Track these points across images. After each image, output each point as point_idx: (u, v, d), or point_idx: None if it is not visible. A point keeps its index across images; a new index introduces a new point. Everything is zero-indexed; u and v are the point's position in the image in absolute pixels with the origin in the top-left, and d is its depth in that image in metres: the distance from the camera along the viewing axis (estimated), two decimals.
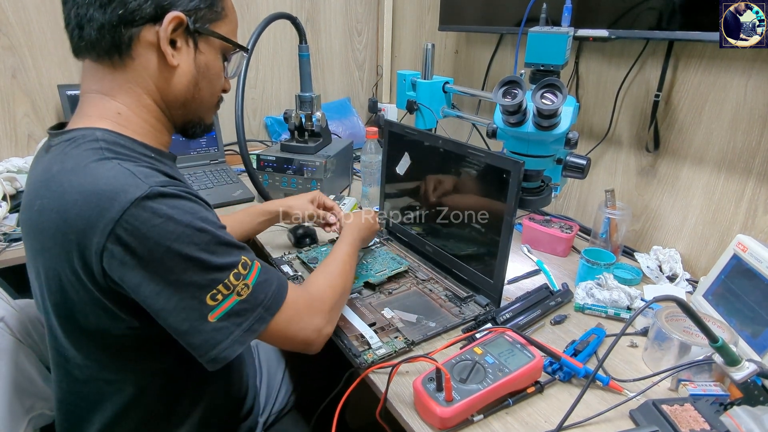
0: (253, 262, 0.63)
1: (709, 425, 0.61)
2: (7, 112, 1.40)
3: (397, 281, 0.98)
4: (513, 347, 0.72)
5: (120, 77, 0.62)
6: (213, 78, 0.69)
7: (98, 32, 0.59)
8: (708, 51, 0.97)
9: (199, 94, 0.68)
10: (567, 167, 0.93)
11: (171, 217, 0.55)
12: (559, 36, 0.85)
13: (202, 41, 0.65)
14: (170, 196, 0.56)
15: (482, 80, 1.53)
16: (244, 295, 0.60)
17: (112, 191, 0.53)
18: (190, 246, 0.55)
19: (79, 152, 0.58)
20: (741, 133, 0.95)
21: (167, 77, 0.64)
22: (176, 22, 0.61)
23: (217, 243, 0.58)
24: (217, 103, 0.74)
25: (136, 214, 0.53)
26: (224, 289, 0.58)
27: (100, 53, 0.61)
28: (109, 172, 0.55)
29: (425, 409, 0.65)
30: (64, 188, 0.56)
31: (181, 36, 0.63)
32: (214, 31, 0.66)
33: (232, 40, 0.69)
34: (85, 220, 0.53)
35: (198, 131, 0.74)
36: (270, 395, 0.96)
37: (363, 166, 1.32)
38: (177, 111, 0.68)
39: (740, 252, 0.84)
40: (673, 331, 0.74)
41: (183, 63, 0.64)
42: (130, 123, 0.64)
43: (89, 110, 0.63)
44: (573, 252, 1.15)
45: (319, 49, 1.89)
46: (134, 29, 0.60)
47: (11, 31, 1.34)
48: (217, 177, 1.49)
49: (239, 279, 0.60)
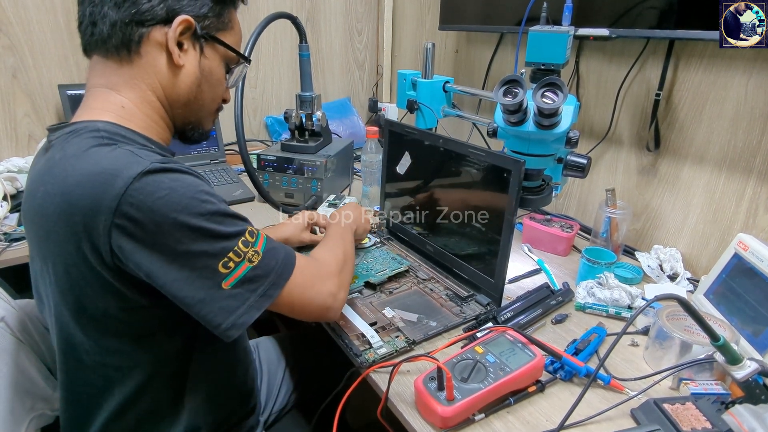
0: (258, 232, 0.65)
1: (710, 424, 0.61)
2: (8, 112, 1.39)
3: (397, 281, 0.98)
4: (514, 346, 0.72)
5: (126, 73, 0.64)
6: (215, 83, 0.71)
7: (110, 28, 0.62)
8: (709, 50, 0.97)
9: (201, 96, 0.70)
10: (567, 166, 0.92)
11: (175, 189, 0.56)
12: (560, 35, 0.85)
13: (208, 47, 0.68)
14: (172, 171, 0.57)
15: (483, 79, 1.53)
16: (255, 261, 0.61)
17: (115, 169, 0.55)
18: (197, 216, 0.57)
19: (80, 140, 0.59)
20: (742, 132, 0.95)
21: (172, 76, 0.66)
22: (185, 25, 0.63)
23: (222, 214, 0.60)
24: (216, 110, 0.76)
25: (140, 187, 0.54)
26: (235, 257, 0.60)
27: (110, 49, 0.63)
28: (111, 153, 0.57)
29: (426, 409, 0.65)
30: (67, 172, 0.57)
31: (189, 39, 0.66)
32: (220, 39, 0.69)
33: (236, 50, 0.72)
34: (90, 199, 0.54)
35: (196, 135, 0.76)
36: (270, 394, 0.96)
37: (363, 166, 1.32)
38: (178, 110, 0.70)
39: (741, 251, 0.84)
40: (674, 330, 0.74)
41: (188, 64, 0.67)
42: (133, 117, 0.65)
43: (93, 103, 0.65)
44: (574, 251, 1.15)
45: (319, 49, 1.88)
46: (144, 29, 0.62)
47: (11, 30, 1.34)
48: (217, 177, 1.49)
49: (248, 246, 0.61)
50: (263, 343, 1.05)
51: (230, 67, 0.73)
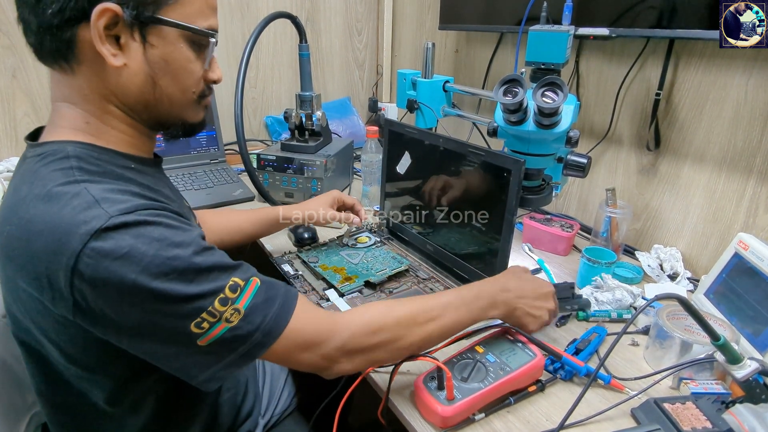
0: (248, 281, 0.56)
1: (711, 423, 0.61)
2: (8, 111, 1.39)
3: (398, 280, 0.98)
4: (514, 346, 0.72)
5: (75, 84, 0.57)
6: (178, 72, 0.59)
7: (36, 36, 0.55)
8: (708, 50, 0.97)
9: (163, 93, 0.60)
10: (568, 166, 0.92)
11: (135, 248, 0.49)
12: (560, 35, 0.85)
13: (152, 32, 0.56)
14: (134, 225, 0.50)
15: (482, 79, 1.52)
16: (234, 321, 0.53)
17: (73, 223, 0.49)
18: (161, 277, 0.50)
19: (48, 172, 0.54)
20: (742, 131, 0.95)
21: (117, 79, 0.57)
22: (108, 16, 0.52)
23: (194, 270, 0.52)
24: (198, 99, 0.64)
25: (97, 247, 0.48)
26: (209, 317, 0.52)
27: (47, 60, 0.56)
28: (73, 200, 0.51)
29: (427, 408, 0.65)
30: (30, 215, 0.52)
31: (124, 30, 0.54)
32: (164, 18, 0.55)
33: (190, 26, 0.57)
34: (50, 254, 0.49)
35: (182, 131, 0.66)
36: (272, 397, 0.95)
37: (363, 166, 1.32)
38: (144, 114, 0.61)
39: (741, 250, 0.84)
40: (675, 330, 0.74)
41: (131, 61, 0.56)
42: (101, 132, 0.59)
43: (59, 121, 0.59)
44: (574, 251, 1.15)
45: (319, 49, 1.88)
46: (71, 30, 0.53)
47: (11, 30, 1.34)
48: (217, 176, 1.49)
49: (227, 304, 0.53)
50: None
51: (201, 44, 0.60)
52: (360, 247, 1.09)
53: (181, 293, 0.51)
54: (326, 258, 1.04)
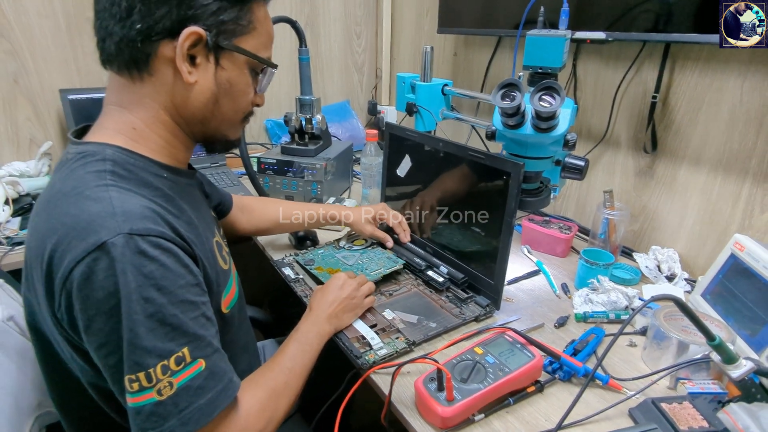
0: (194, 361, 0.54)
1: (707, 423, 0.62)
2: (9, 116, 1.40)
3: (397, 282, 0.99)
4: (513, 347, 0.73)
5: (138, 91, 0.61)
6: (237, 95, 0.66)
7: (117, 46, 0.59)
8: (704, 53, 0.98)
9: (220, 111, 0.65)
10: (565, 168, 0.93)
11: (124, 273, 0.51)
12: (557, 39, 0.86)
13: (225, 57, 0.62)
14: (133, 251, 0.52)
15: (481, 82, 1.53)
16: (164, 396, 0.52)
17: (85, 230, 0.52)
18: (128, 313, 0.51)
19: (83, 173, 0.57)
20: (737, 134, 0.96)
21: (185, 94, 0.62)
22: (194, 38, 0.58)
23: (159, 320, 0.52)
24: (243, 119, 0.70)
25: (97, 257, 0.51)
26: (145, 380, 0.51)
27: (120, 67, 0.60)
28: (95, 205, 0.53)
29: (427, 409, 0.66)
30: (56, 212, 0.55)
31: (202, 51, 0.60)
32: (239, 46, 0.62)
33: (259, 57, 0.65)
34: (57, 253, 0.52)
35: (220, 147, 0.72)
36: None
37: (363, 168, 1.33)
38: (196, 127, 0.66)
39: (738, 251, 0.85)
40: (672, 330, 0.74)
41: (202, 79, 0.61)
42: (145, 139, 0.63)
43: (107, 122, 0.63)
44: (572, 252, 1.16)
45: (318, 53, 1.90)
46: (152, 45, 0.58)
47: (13, 35, 1.35)
48: (218, 180, 1.50)
49: (166, 374, 0.52)
50: (269, 347, 1.06)
51: (257, 71, 0.67)
52: (356, 249, 1.10)
53: (135, 339, 0.51)
54: (322, 260, 1.05)
